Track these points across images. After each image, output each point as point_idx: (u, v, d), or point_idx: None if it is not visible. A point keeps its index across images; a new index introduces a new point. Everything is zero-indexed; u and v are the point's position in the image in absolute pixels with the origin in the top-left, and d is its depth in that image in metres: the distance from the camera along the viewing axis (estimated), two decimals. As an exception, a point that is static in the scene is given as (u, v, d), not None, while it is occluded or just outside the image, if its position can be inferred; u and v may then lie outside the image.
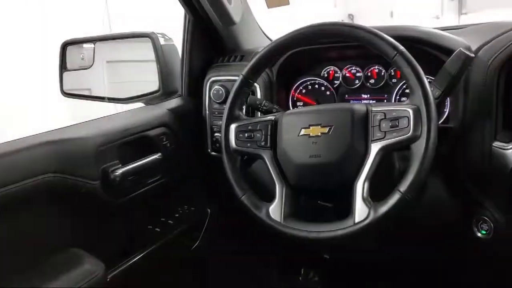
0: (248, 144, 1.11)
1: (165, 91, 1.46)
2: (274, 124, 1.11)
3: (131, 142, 1.28)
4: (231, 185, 1.11)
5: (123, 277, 1.26)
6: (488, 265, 1.20)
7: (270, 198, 1.07)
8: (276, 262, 1.85)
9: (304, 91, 1.45)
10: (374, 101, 1.36)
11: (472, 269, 1.29)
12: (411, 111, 0.95)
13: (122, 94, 1.55)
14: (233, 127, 1.13)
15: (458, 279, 1.41)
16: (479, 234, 1.13)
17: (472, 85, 1.10)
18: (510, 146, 1.04)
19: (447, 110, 1.23)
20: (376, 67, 1.34)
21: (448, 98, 1.18)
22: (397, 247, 1.45)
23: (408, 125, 0.94)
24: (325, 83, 1.42)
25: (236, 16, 1.46)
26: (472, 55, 1.02)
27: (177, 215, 1.48)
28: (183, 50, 1.53)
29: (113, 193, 1.21)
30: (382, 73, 1.33)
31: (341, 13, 7.22)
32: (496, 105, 1.06)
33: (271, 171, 1.08)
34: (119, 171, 1.20)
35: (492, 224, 1.10)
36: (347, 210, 0.99)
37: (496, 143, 1.06)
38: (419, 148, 0.93)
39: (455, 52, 1.02)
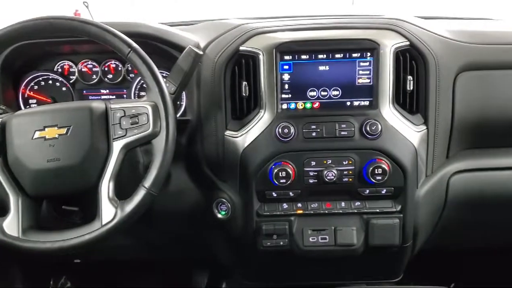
0: None
1: None
2: (2, 128, 0.99)
3: None
4: None
5: None
6: (231, 241, 1.33)
7: (5, 212, 0.96)
8: (21, 276, 1.67)
9: (36, 87, 1.33)
10: (114, 97, 1.34)
11: (223, 248, 1.41)
12: (149, 108, 0.97)
13: None
14: None
15: (215, 259, 1.53)
16: (219, 215, 1.25)
17: (203, 80, 1.19)
18: (239, 134, 1.17)
19: (184, 104, 1.30)
20: (113, 62, 1.32)
21: (184, 92, 1.25)
22: (152, 238, 1.49)
23: (148, 122, 0.97)
24: (60, 79, 1.33)
25: None
26: (201, 52, 1.11)
27: None
28: None
29: None
30: (120, 68, 1.32)
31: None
32: (224, 98, 1.18)
33: (2, 182, 0.97)
34: None
35: (229, 205, 1.22)
36: (95, 212, 0.96)
37: (228, 132, 1.18)
38: (160, 143, 0.97)
39: (185, 49, 1.09)
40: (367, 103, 1.16)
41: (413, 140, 1.16)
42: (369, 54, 1.15)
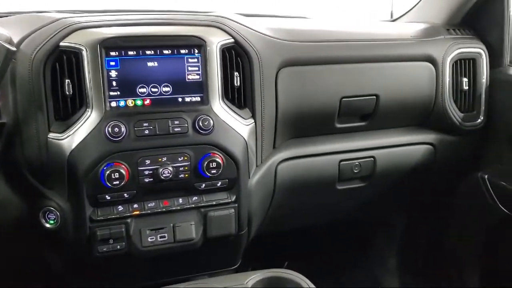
0: None
1: None
2: None
3: None
4: None
5: None
6: (64, 250, 1.24)
7: None
8: None
9: None
10: None
11: (56, 258, 1.31)
12: None
13: None
14: None
15: (49, 270, 1.40)
16: (47, 225, 1.15)
17: (19, 78, 1.08)
18: (64, 136, 1.09)
19: None
20: None
21: None
22: None
23: None
24: None
25: None
26: (14, 48, 1.00)
27: None
28: None
29: None
30: None
31: None
32: (45, 97, 1.08)
33: None
34: None
35: (58, 213, 1.14)
36: None
37: (51, 135, 1.09)
38: None
39: None
40: (198, 99, 1.18)
41: (243, 133, 1.22)
42: (196, 50, 1.17)
